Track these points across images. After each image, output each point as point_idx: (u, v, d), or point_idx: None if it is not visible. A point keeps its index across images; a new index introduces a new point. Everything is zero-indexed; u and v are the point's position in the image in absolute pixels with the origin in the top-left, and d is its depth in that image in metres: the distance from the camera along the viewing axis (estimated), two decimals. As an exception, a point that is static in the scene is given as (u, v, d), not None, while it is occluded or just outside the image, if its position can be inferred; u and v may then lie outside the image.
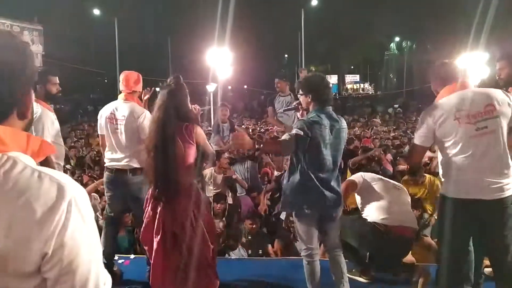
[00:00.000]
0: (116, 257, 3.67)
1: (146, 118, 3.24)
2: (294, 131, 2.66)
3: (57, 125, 3.29)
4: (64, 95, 3.63)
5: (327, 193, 2.72)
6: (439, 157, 2.61)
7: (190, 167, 2.75)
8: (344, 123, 2.83)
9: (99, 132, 3.49)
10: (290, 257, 3.93)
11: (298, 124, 2.70)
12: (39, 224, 0.78)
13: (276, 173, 6.17)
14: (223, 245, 4.14)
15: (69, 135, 12.67)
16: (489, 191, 2.35)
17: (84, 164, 7.38)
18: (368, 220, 3.24)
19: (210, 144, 3.06)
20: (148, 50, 38.79)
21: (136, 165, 3.27)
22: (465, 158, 2.38)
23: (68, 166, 7.27)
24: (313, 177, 2.69)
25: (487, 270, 2.94)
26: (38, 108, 3.05)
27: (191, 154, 2.73)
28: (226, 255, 4.07)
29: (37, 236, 0.78)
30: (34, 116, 2.92)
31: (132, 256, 3.83)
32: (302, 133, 2.61)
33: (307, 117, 2.76)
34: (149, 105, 3.48)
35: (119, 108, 3.33)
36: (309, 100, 2.80)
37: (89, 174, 6.30)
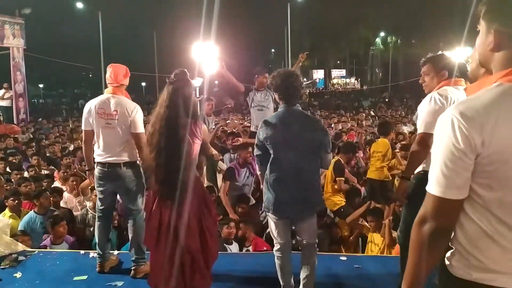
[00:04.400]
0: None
1: (139, 112, 3.31)
2: (255, 152, 2.85)
3: None
4: (48, 90, 3.59)
5: (282, 194, 2.71)
6: None
7: (196, 164, 2.81)
8: (313, 122, 2.80)
9: (83, 128, 3.43)
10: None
11: (256, 139, 2.80)
12: None
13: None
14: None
15: (52, 130, 12.50)
16: None
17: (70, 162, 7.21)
18: None
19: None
20: (134, 44, 38.30)
21: (128, 158, 3.30)
22: None
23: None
24: (268, 176, 2.75)
25: None
26: None
27: (198, 151, 2.80)
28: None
29: None
30: None
31: (116, 252, 3.82)
32: (260, 152, 2.78)
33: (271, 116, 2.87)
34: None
35: (109, 102, 3.29)
36: (277, 97, 2.85)
37: (75, 171, 6.19)
